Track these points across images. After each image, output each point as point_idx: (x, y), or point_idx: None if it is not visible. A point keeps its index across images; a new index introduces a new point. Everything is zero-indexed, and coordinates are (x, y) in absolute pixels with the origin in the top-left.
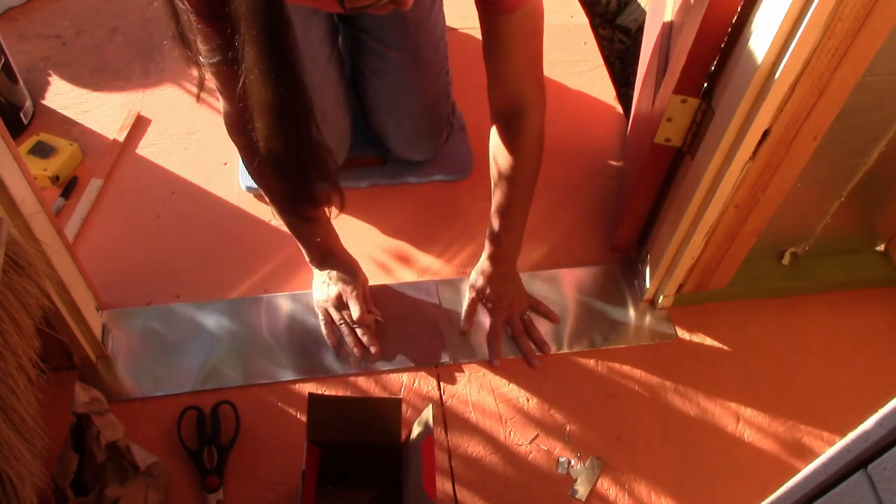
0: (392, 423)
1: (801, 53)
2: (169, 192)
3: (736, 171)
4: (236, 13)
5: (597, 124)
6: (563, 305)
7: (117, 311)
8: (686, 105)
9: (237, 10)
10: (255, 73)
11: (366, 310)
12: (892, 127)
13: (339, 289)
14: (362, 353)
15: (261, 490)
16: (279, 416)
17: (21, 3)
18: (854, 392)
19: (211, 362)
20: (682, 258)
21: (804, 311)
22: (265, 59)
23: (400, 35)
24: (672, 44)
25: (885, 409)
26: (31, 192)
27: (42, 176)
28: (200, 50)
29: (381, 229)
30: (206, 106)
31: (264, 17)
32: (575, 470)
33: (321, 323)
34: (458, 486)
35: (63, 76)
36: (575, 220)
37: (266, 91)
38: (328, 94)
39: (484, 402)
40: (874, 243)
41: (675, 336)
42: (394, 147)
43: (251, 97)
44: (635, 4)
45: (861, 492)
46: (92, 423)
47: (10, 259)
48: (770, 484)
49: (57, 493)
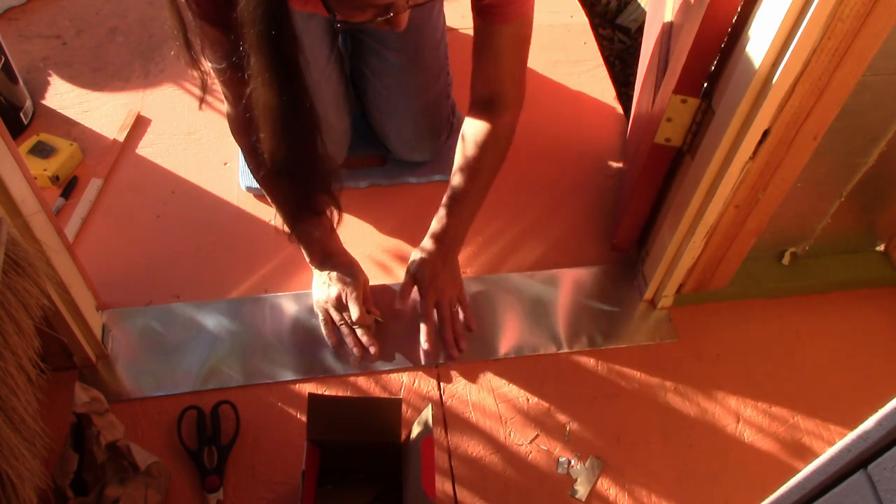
0: (392, 423)
1: (800, 53)
2: (169, 192)
3: (736, 171)
4: (241, 18)
5: (597, 124)
6: (563, 305)
7: (117, 311)
8: (686, 105)
9: (241, 15)
10: (259, 80)
11: (365, 310)
12: (892, 127)
13: (338, 289)
14: (362, 353)
15: (261, 490)
16: (279, 416)
17: (21, 3)
18: (854, 392)
19: (211, 362)
20: (682, 258)
21: (804, 311)
22: (269, 66)
23: (400, 36)
24: (672, 44)
25: (884, 409)
26: (31, 192)
27: (42, 176)
28: (207, 55)
29: (381, 229)
30: (207, 106)
31: (268, 24)
32: (575, 470)
33: (321, 323)
34: (458, 486)
35: (63, 76)
36: (575, 220)
37: (270, 98)
38: (327, 94)
39: (484, 402)
40: (874, 243)
41: (675, 336)
42: (393, 147)
43: (255, 104)
44: (635, 4)
45: (861, 492)
46: (92, 423)
47: (10, 259)
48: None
49: (57, 493)
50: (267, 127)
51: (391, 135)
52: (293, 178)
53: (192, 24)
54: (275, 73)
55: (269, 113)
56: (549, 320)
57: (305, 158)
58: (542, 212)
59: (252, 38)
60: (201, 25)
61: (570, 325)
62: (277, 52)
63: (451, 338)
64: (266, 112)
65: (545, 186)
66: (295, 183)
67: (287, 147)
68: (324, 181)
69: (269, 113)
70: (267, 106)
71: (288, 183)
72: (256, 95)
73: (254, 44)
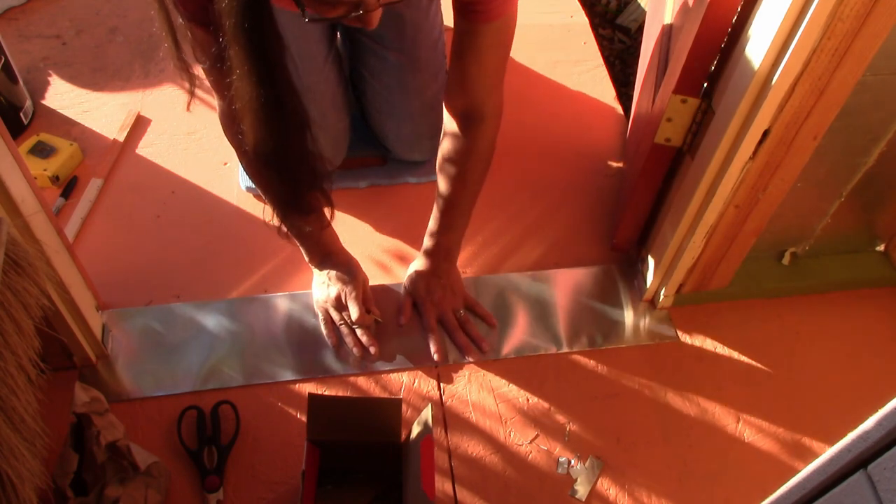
0: (392, 423)
1: (800, 53)
2: (169, 192)
3: (736, 171)
4: (219, 10)
5: (597, 124)
6: (563, 305)
7: (117, 311)
8: (686, 105)
9: (219, 6)
10: (238, 72)
11: (365, 310)
12: (892, 127)
13: (338, 289)
14: (362, 353)
15: (261, 490)
16: (279, 416)
17: (21, 3)
18: (854, 392)
19: (211, 362)
20: (682, 258)
21: (804, 311)
22: (247, 58)
23: (398, 36)
24: (672, 44)
25: (885, 409)
26: (31, 192)
27: (42, 176)
28: (197, 56)
29: (381, 229)
30: (206, 106)
31: (245, 15)
32: (575, 470)
33: (321, 323)
34: (458, 486)
35: (63, 76)
36: (575, 220)
37: (249, 89)
38: (326, 94)
39: (484, 402)
40: (874, 243)
41: (675, 336)
42: (393, 147)
43: (236, 96)
44: (635, 4)
45: (861, 492)
46: (92, 423)
47: (10, 259)
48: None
49: (57, 493)
50: (247, 119)
51: (390, 134)
52: (280, 173)
53: (181, 27)
54: (253, 64)
55: (249, 105)
56: (549, 320)
57: (291, 152)
58: (542, 212)
59: (230, 30)
60: (189, 27)
61: (570, 325)
62: (255, 43)
63: (465, 342)
64: (246, 104)
65: (545, 186)
66: (283, 179)
67: (270, 139)
68: (314, 178)
69: (249, 105)
70: (247, 98)
71: (277, 179)
72: (236, 87)
73: (231, 35)
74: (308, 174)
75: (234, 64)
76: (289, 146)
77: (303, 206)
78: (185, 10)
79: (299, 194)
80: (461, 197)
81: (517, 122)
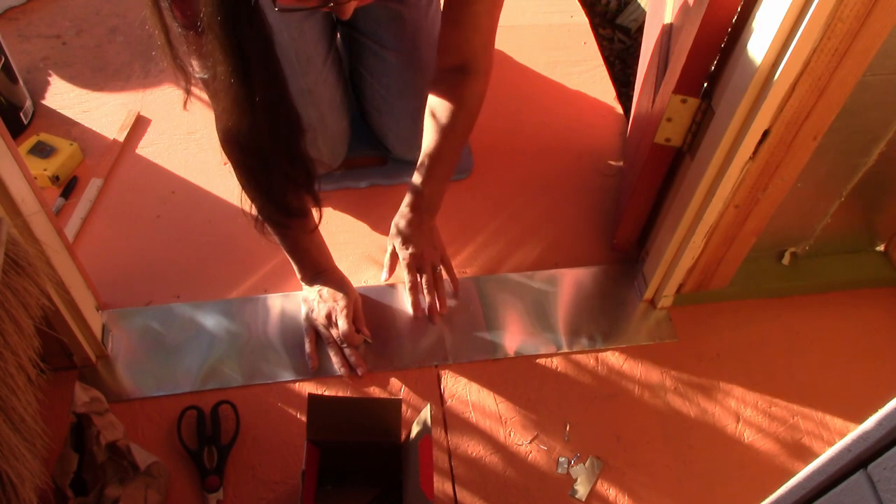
0: (392, 424)
1: (800, 53)
2: (169, 192)
3: (736, 171)
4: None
5: (597, 124)
6: (563, 305)
7: (117, 311)
8: (686, 105)
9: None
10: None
11: (354, 329)
12: (892, 127)
13: (329, 306)
14: (348, 373)
15: (261, 490)
16: (279, 416)
17: (21, 3)
18: (854, 392)
19: (211, 362)
20: (682, 258)
21: (804, 311)
22: (222, 45)
23: (397, 35)
24: (672, 44)
25: (885, 409)
26: (31, 192)
27: (42, 176)
28: (194, 65)
29: (381, 229)
30: (206, 106)
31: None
32: (575, 470)
33: (305, 342)
34: (457, 486)
35: (63, 76)
36: (575, 220)
37: (224, 75)
38: (325, 94)
39: (484, 402)
40: (874, 243)
41: (675, 336)
42: (393, 147)
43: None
44: (635, 4)
45: (861, 492)
46: (92, 422)
47: (10, 259)
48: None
49: (57, 493)
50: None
51: (390, 134)
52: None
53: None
54: (228, 51)
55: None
56: (549, 320)
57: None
58: (542, 212)
59: (206, 17)
60: (186, 35)
61: (570, 325)
62: (229, 30)
63: (433, 302)
64: (222, 89)
65: (545, 186)
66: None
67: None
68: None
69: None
70: (222, 83)
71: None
72: (212, 73)
73: (207, 22)
74: (295, 172)
75: (209, 50)
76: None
77: (288, 206)
78: (183, 17)
79: (284, 193)
80: (447, 149)
81: (517, 122)
